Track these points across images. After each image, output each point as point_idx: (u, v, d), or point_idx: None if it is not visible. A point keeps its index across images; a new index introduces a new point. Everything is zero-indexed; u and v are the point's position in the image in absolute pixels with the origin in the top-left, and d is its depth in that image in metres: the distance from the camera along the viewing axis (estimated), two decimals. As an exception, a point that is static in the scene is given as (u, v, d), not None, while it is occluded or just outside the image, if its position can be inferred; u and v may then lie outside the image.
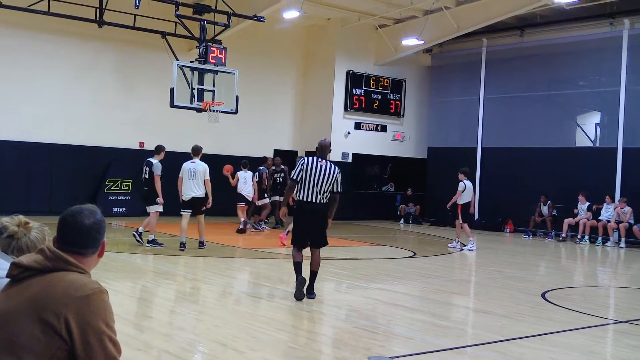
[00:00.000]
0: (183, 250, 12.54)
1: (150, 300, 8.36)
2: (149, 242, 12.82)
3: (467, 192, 15.30)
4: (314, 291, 8.28)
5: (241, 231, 16.19)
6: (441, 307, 8.33)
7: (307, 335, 6.88)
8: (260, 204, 17.37)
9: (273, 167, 17.95)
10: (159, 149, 13.12)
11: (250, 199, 16.64)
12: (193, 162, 12.85)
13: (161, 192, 12.73)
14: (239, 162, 17.01)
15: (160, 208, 12.87)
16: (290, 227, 14.16)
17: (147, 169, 12.87)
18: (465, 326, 7.65)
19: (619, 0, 18.77)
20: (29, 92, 18.06)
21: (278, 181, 17.69)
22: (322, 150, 8.44)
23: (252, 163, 18.18)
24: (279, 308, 7.79)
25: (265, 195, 17.52)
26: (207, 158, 18.01)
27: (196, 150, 13.03)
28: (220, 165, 16.45)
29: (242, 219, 16.43)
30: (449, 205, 15.61)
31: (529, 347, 6.46)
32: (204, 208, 12.88)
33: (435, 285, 10.19)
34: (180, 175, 12.84)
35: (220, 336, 6.33)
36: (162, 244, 12.90)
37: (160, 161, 13.00)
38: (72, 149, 18.60)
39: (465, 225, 15.37)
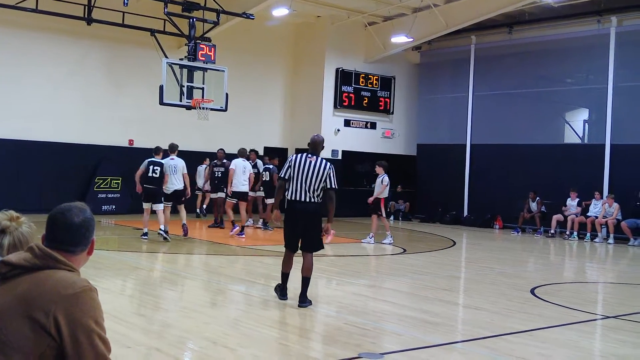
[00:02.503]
0: (167, 238, 13.50)
1: (139, 298, 8.35)
2: (163, 231, 13.58)
3: (389, 186, 15.31)
4: (307, 299, 7.70)
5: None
6: (431, 304, 8.36)
7: (298, 332, 6.90)
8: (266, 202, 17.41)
9: (215, 161, 16.96)
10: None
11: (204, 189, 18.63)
12: (172, 159, 13.84)
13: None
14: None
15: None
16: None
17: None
18: (455, 322, 7.69)
19: (607, -3, 18.90)
20: (17, 90, 17.95)
21: (216, 175, 16.60)
22: (314, 146, 7.95)
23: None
24: (269, 305, 7.79)
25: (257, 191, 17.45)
26: (196, 155, 17.99)
27: (173, 148, 14.07)
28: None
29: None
30: (370, 199, 15.28)
31: (518, 342, 6.50)
32: (184, 199, 14.12)
33: (425, 282, 10.22)
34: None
35: (210, 333, 6.33)
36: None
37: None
38: (62, 146, 18.52)
39: (375, 218, 15.25)
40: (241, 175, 14.83)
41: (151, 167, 13.52)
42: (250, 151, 17.39)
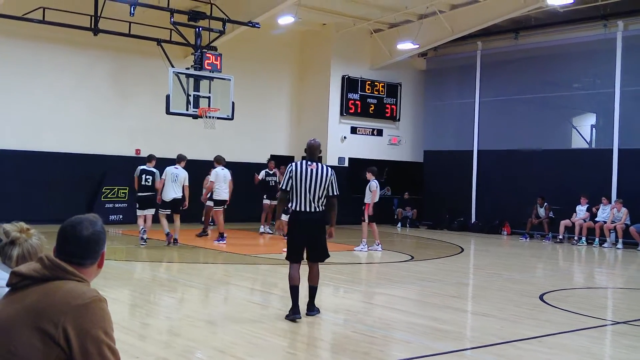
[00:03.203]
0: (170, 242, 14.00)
1: (147, 308, 8.36)
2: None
3: (377, 191, 15.12)
4: (315, 308, 7.63)
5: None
6: (440, 311, 8.33)
7: (306, 341, 6.88)
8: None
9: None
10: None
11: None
12: (176, 168, 14.20)
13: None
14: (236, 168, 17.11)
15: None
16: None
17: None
18: (464, 329, 7.66)
19: (613, 2, 18.84)
20: (24, 100, 18.04)
21: None
22: (311, 151, 7.65)
23: (251, 168, 18.27)
24: (277, 314, 7.77)
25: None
26: (204, 165, 18.05)
27: (180, 158, 14.55)
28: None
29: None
30: (369, 209, 15.04)
31: (528, 349, 6.47)
32: (182, 208, 14.33)
33: (433, 289, 10.20)
34: (162, 178, 14.05)
35: (218, 342, 6.33)
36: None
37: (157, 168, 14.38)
38: (69, 157, 18.57)
39: (374, 225, 15.03)
40: (222, 183, 15.13)
41: (143, 175, 14.06)
42: (269, 160, 18.10)
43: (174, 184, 14.07)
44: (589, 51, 20.26)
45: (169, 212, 14.19)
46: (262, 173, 17.89)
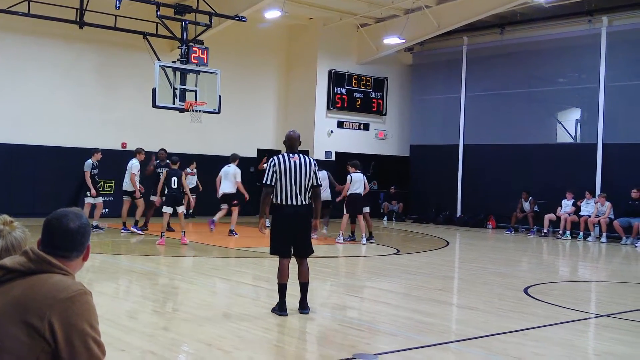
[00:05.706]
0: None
1: (133, 301, 8.34)
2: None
3: (353, 184, 15.15)
4: (308, 305, 7.49)
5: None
6: (425, 304, 8.38)
7: (293, 334, 6.90)
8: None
9: (157, 162, 16.10)
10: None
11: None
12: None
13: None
14: (222, 161, 17.04)
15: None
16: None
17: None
18: (449, 322, 7.71)
19: (597, -3, 19.00)
20: (10, 94, 17.92)
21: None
22: (291, 142, 7.52)
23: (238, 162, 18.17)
24: (264, 307, 7.79)
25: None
26: (190, 158, 18.05)
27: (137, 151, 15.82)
28: (203, 165, 16.66)
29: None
30: (338, 198, 15.71)
31: (512, 342, 6.53)
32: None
33: (418, 282, 10.25)
34: (133, 172, 15.36)
35: (205, 336, 6.33)
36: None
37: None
38: (55, 150, 18.48)
39: (359, 217, 15.18)
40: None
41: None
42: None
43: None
44: (574, 46, 20.41)
45: (128, 199, 15.47)
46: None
